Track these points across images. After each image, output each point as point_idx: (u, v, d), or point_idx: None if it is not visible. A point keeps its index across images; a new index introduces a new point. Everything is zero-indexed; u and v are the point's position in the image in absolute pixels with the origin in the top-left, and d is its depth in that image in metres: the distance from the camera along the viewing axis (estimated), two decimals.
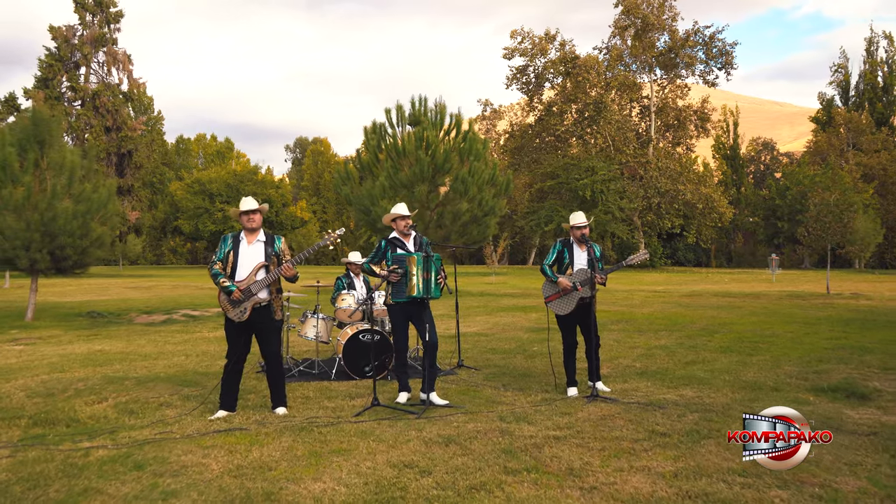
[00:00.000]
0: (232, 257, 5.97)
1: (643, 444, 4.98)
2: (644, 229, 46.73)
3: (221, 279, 5.88)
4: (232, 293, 5.81)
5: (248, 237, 6.03)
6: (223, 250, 6.01)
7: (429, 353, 6.21)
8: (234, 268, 5.94)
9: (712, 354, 9.20)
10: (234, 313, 5.87)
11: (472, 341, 10.85)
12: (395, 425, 5.51)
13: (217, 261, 5.99)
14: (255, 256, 5.95)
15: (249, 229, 6.01)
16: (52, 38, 40.06)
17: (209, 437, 5.18)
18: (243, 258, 5.95)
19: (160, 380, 7.54)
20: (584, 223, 6.95)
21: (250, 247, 5.99)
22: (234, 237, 6.07)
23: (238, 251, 5.97)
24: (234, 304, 5.87)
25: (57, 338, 11.53)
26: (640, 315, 14.54)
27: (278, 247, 6.04)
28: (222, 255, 6.00)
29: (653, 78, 49.15)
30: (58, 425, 5.74)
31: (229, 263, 5.96)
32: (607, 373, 7.94)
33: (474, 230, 21.21)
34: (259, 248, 6.00)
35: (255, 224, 6.01)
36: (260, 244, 6.01)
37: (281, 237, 6.16)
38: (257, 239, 6.02)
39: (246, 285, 5.84)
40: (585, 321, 6.89)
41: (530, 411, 5.98)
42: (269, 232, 6.13)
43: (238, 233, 6.09)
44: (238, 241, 6.02)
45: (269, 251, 5.98)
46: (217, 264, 5.97)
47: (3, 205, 14.08)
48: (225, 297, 5.90)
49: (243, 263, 5.94)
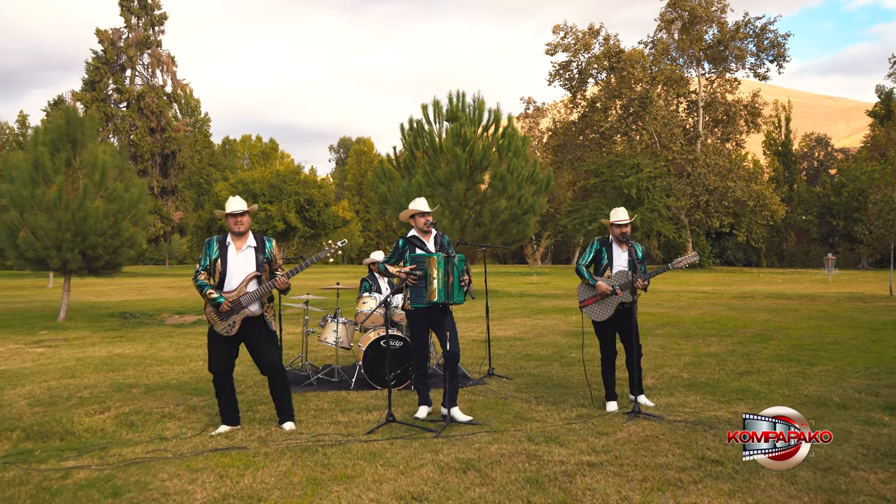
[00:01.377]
0: (220, 266, 5.40)
1: (692, 475, 4.31)
2: (692, 228, 45.24)
3: (208, 290, 5.34)
4: (220, 306, 5.29)
5: (237, 242, 5.46)
6: (209, 257, 5.45)
7: (450, 364, 5.62)
8: (223, 278, 5.39)
9: (768, 364, 8.40)
10: (221, 327, 5.35)
11: (506, 346, 10.23)
12: (409, 446, 4.93)
13: (202, 270, 5.44)
14: (245, 265, 5.40)
15: (237, 233, 5.44)
16: (99, 41, 40.70)
17: (203, 457, 4.68)
18: (232, 267, 5.40)
19: (170, 387, 7.13)
20: (625, 220, 6.27)
21: (239, 254, 5.42)
22: (220, 242, 5.49)
23: (226, 259, 5.41)
24: (221, 317, 5.35)
25: (81, 339, 11.30)
26: (688, 318, 13.70)
27: (269, 251, 5.47)
28: (207, 264, 5.45)
29: (700, 72, 47.58)
30: (51, 439, 5.34)
31: (216, 272, 5.40)
32: (651, 384, 7.24)
33: (513, 229, 20.54)
34: (249, 255, 5.43)
35: (244, 227, 5.44)
36: (250, 251, 5.44)
37: (272, 239, 5.58)
38: (247, 244, 5.45)
39: (236, 297, 5.31)
40: (625, 328, 6.21)
41: (563, 430, 5.34)
42: (258, 234, 5.58)
43: (224, 237, 5.52)
44: (225, 248, 5.45)
45: (261, 259, 5.41)
46: (202, 274, 5.42)
47: (36, 204, 14.01)
48: (212, 309, 5.38)
49: (232, 273, 5.38)
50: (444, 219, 19.79)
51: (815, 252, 53.16)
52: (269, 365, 5.47)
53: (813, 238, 53.79)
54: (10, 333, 12.27)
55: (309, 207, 59.41)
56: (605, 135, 47.20)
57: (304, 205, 59.08)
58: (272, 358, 5.48)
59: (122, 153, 15.96)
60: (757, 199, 43.34)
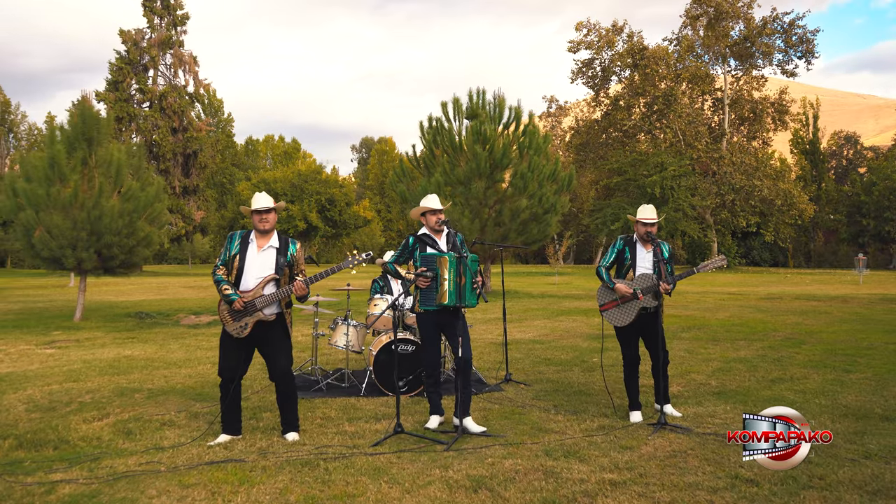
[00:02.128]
0: (237, 262, 5.13)
1: (725, 497, 3.94)
2: (717, 228, 44.41)
3: (224, 286, 5.08)
4: (233, 303, 5.01)
5: (259, 241, 5.19)
6: (228, 252, 5.19)
7: (462, 372, 5.28)
8: (240, 275, 5.12)
9: (801, 370, 7.95)
10: (233, 327, 5.08)
11: (525, 349, 9.87)
12: (417, 460, 4.60)
13: (221, 264, 5.19)
14: (264, 266, 5.12)
15: (261, 231, 5.18)
16: (122, 41, 40.92)
17: (197, 470, 4.39)
18: (250, 266, 5.12)
19: (174, 392, 6.87)
20: (652, 219, 5.88)
21: (260, 253, 5.15)
22: (242, 238, 5.23)
23: (245, 256, 5.14)
24: (234, 317, 5.07)
25: (93, 340, 11.13)
26: (715, 321, 13.22)
27: (292, 254, 5.19)
28: (227, 258, 5.19)
29: (727, 69, 46.70)
30: (44, 447, 5.09)
31: (234, 269, 5.14)
32: (678, 392, 6.84)
33: (534, 228, 20.14)
34: (270, 256, 5.15)
35: (269, 225, 5.17)
36: (271, 251, 5.17)
37: (296, 242, 5.28)
38: (269, 244, 5.18)
39: (251, 298, 5.04)
40: (650, 334, 5.83)
41: (583, 444, 4.98)
42: (284, 235, 5.29)
43: (248, 233, 5.27)
44: (247, 244, 5.18)
45: (282, 261, 5.13)
46: (221, 269, 5.17)
47: (51, 203, 13.90)
48: (226, 306, 5.10)
49: (250, 271, 5.11)
50: (464, 218, 19.45)
51: (844, 252, 51.97)
52: (279, 371, 5.19)
53: (842, 238, 52.62)
54: (25, 333, 12.15)
55: (330, 207, 59.41)
56: (628, 133, 46.52)
57: (325, 204, 59.11)
58: (283, 364, 5.20)
59: (139, 152, 15.83)
60: (784, 198, 42.42)
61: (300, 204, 58.09)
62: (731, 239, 45.52)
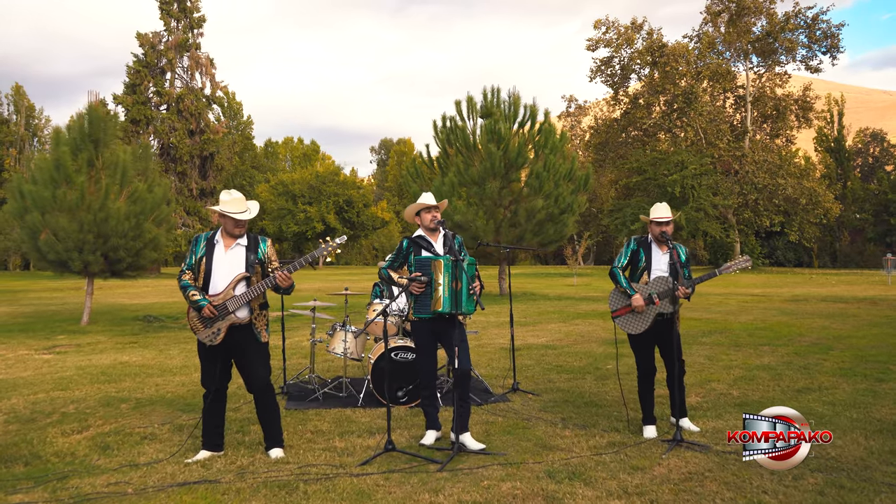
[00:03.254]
0: (204, 265, 4.75)
1: None
2: (740, 227, 43.54)
3: (191, 292, 4.71)
4: (202, 309, 4.65)
5: (226, 240, 4.80)
6: (194, 255, 4.81)
7: (459, 384, 4.88)
8: (207, 278, 4.74)
9: (830, 379, 7.45)
10: (204, 335, 4.72)
11: (536, 356, 9.44)
12: (406, 482, 4.21)
13: (186, 269, 4.82)
14: (233, 265, 4.74)
15: (231, 234, 4.78)
16: (140, 44, 41.02)
17: (165, 493, 4.04)
18: (218, 266, 4.74)
19: (163, 402, 6.55)
20: (665, 218, 5.44)
21: (228, 252, 4.77)
22: (207, 240, 4.84)
23: (212, 258, 4.75)
24: (205, 324, 4.71)
25: (94, 345, 10.87)
26: (738, 325, 12.69)
27: (263, 252, 4.81)
28: (193, 262, 4.81)
29: (748, 66, 45.80)
30: (14, 464, 4.77)
31: (201, 272, 4.76)
32: (696, 403, 6.39)
33: (550, 229, 19.67)
34: (239, 254, 4.77)
35: (242, 231, 4.81)
36: (240, 249, 4.78)
37: (267, 239, 4.90)
38: (237, 243, 4.79)
39: (221, 301, 4.67)
40: (666, 341, 5.39)
41: (590, 464, 4.56)
42: (253, 234, 4.91)
43: (213, 233, 4.88)
44: (213, 246, 4.80)
45: (252, 258, 4.75)
46: (186, 274, 4.79)
47: (57, 206, 13.71)
48: (195, 313, 4.75)
49: (218, 273, 4.73)
50: (479, 219, 19.05)
51: (871, 252, 50.79)
52: (256, 382, 4.80)
53: (868, 237, 51.45)
54: (28, 338, 11.95)
55: (348, 208, 59.34)
56: (648, 132, 45.81)
57: (343, 206, 59.05)
58: (260, 374, 4.81)
59: (146, 153, 15.61)
60: (809, 197, 41.50)
61: (318, 205, 58.10)
62: (754, 239, 44.61)
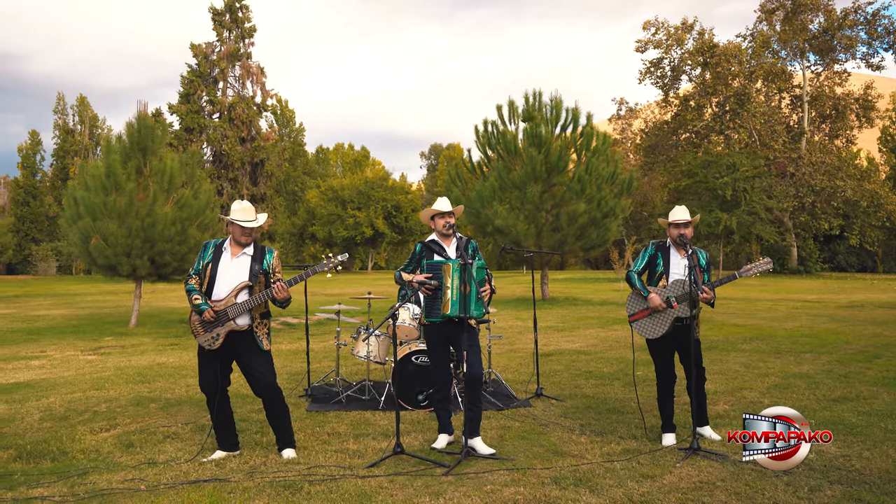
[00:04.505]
0: (210, 271, 4.88)
1: None
2: (797, 231, 42.19)
3: (194, 296, 4.83)
4: (203, 313, 4.76)
5: (233, 248, 4.92)
6: (201, 261, 4.95)
7: (470, 389, 4.87)
8: (211, 284, 4.85)
9: (870, 389, 7.15)
10: (204, 338, 4.82)
11: (567, 361, 9.34)
12: (409, 485, 4.23)
13: (193, 274, 4.95)
14: (237, 273, 4.85)
15: (239, 243, 4.91)
16: (194, 55, 42.28)
17: (174, 491, 4.15)
18: (223, 273, 4.85)
19: (190, 403, 6.72)
20: (683, 219, 5.34)
21: (234, 260, 4.88)
22: (216, 247, 4.98)
23: (218, 265, 4.88)
24: (205, 328, 4.82)
25: (136, 347, 11.23)
26: (782, 332, 12.30)
27: (268, 263, 4.92)
28: (199, 268, 4.94)
29: (805, 64, 44.42)
30: (42, 459, 4.98)
31: (206, 278, 4.89)
32: (724, 411, 6.23)
33: (593, 233, 19.42)
34: (244, 263, 4.88)
35: (249, 239, 4.93)
36: (245, 258, 4.89)
37: (273, 250, 5.01)
38: (243, 252, 4.91)
39: (223, 307, 4.77)
40: (684, 348, 5.27)
41: (599, 471, 4.49)
42: (260, 245, 5.03)
43: (223, 241, 5.01)
44: (220, 253, 4.93)
45: (256, 268, 4.85)
46: (193, 278, 4.93)
47: (108, 212, 14.23)
48: (196, 317, 4.86)
49: (222, 279, 4.84)
50: (520, 223, 18.95)
51: None
52: (261, 386, 4.90)
53: None
54: (78, 339, 12.42)
55: (396, 213, 59.75)
56: (699, 134, 44.82)
57: (391, 211, 59.49)
58: (266, 378, 4.90)
59: (193, 160, 16.06)
60: (871, 199, 39.94)
61: (367, 210, 58.69)
62: (812, 243, 43.14)
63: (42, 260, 62.90)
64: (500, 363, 9.07)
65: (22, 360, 9.86)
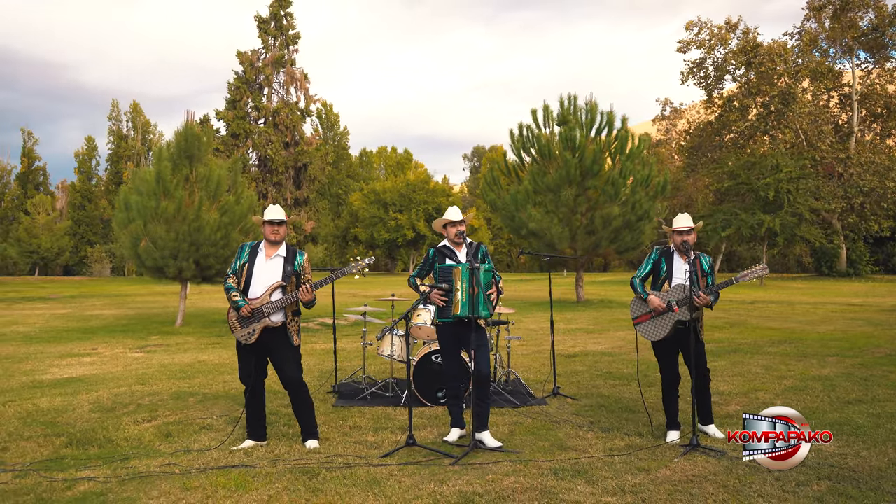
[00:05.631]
0: (246, 271, 5.34)
1: None
2: (846, 233, 41.21)
3: (233, 293, 5.30)
4: (241, 309, 5.20)
5: (268, 250, 5.38)
6: (239, 261, 5.43)
7: (478, 386, 5.19)
8: (248, 283, 5.32)
9: (888, 392, 7.22)
10: (241, 334, 5.26)
11: (590, 362, 9.57)
12: (418, 473, 4.57)
13: (231, 273, 5.43)
14: (271, 273, 5.30)
15: (271, 242, 5.37)
16: (240, 62, 43.53)
17: (205, 475, 4.57)
18: (258, 273, 5.32)
19: (226, 397, 7.20)
20: (686, 227, 5.57)
21: (268, 262, 5.34)
22: (252, 248, 5.46)
23: (254, 265, 5.35)
24: (242, 324, 5.26)
25: (181, 345, 11.84)
26: (814, 335, 12.27)
27: (299, 264, 5.36)
28: (237, 268, 5.41)
29: (855, 62, 43.35)
30: (89, 446, 5.47)
31: (243, 277, 5.35)
32: (734, 412, 6.41)
33: (627, 236, 19.51)
34: (277, 264, 5.33)
35: (280, 237, 5.38)
36: (279, 260, 5.35)
37: (304, 253, 5.46)
38: (277, 253, 5.36)
39: (258, 304, 5.21)
40: (688, 349, 5.49)
41: (598, 464, 4.76)
42: (292, 246, 5.48)
43: (258, 243, 5.48)
44: (256, 254, 5.40)
45: (289, 270, 5.30)
46: (231, 277, 5.41)
47: (157, 216, 14.95)
48: (234, 313, 5.30)
49: (258, 279, 5.30)
50: (554, 226, 19.16)
51: None
52: (288, 380, 5.32)
53: None
54: (127, 337, 13.11)
55: (437, 216, 60.33)
56: (744, 134, 44.13)
57: (432, 213, 60.05)
58: (291, 373, 5.33)
59: (236, 167, 16.72)
60: None
61: (408, 213, 59.38)
62: (863, 245, 42.06)
63: (96, 262, 65.41)
64: (523, 363, 9.36)
65: (75, 357, 10.53)
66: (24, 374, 8.98)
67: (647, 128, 63.17)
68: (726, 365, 9.05)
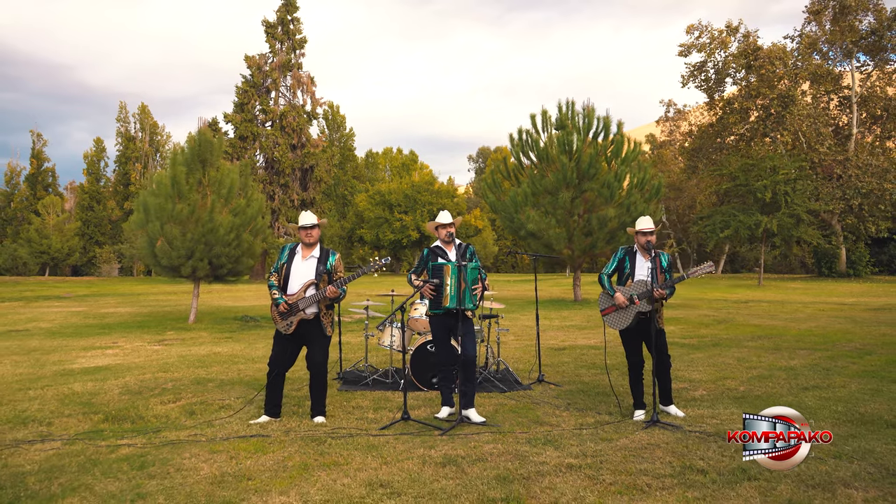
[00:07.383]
0: (285, 270, 6.17)
1: (664, 482, 4.36)
2: (845, 234, 41.76)
3: (273, 291, 6.13)
4: (279, 305, 5.97)
5: (304, 252, 6.21)
6: (279, 261, 6.24)
7: (465, 368, 5.93)
8: (286, 281, 6.13)
9: (845, 380, 7.91)
10: (281, 325, 6.07)
11: (577, 354, 10.29)
12: (410, 441, 5.31)
13: (273, 272, 6.25)
14: (306, 272, 6.11)
15: (306, 244, 6.18)
16: (248, 66, 44.36)
17: (228, 441, 5.32)
18: (295, 272, 6.13)
19: (241, 383, 7.94)
20: (649, 228, 6.29)
21: (304, 262, 6.16)
22: (290, 249, 6.28)
23: (291, 265, 6.17)
24: (282, 317, 6.05)
25: (195, 339, 12.60)
26: (794, 331, 12.94)
27: (331, 264, 6.15)
28: (277, 267, 6.22)
29: (855, 65, 43.90)
30: (124, 422, 6.21)
31: (282, 275, 6.16)
32: (699, 396, 7.12)
33: (622, 238, 20.20)
34: (311, 264, 6.14)
35: (313, 239, 6.19)
36: (313, 260, 6.16)
37: (336, 253, 6.26)
38: (311, 254, 6.17)
39: (294, 300, 5.99)
40: (649, 337, 6.21)
41: (567, 435, 5.49)
42: (326, 248, 6.28)
43: (296, 245, 6.30)
44: (294, 254, 6.22)
45: (321, 269, 6.10)
46: (273, 275, 6.23)
47: (173, 218, 15.72)
48: (274, 308, 6.08)
49: (295, 277, 6.12)
50: (551, 227, 19.86)
51: None
52: (314, 362, 6.10)
53: None
54: (144, 332, 13.89)
55: None
56: (744, 137, 44.74)
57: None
58: (318, 358, 6.11)
59: (246, 170, 17.48)
60: None
61: (413, 214, 60.14)
62: (863, 246, 42.58)
63: (105, 262, 66.43)
64: (514, 355, 10.08)
65: (98, 350, 11.30)
66: (53, 364, 9.76)
67: (652, 129, 63.65)
68: (703, 357, 9.75)
